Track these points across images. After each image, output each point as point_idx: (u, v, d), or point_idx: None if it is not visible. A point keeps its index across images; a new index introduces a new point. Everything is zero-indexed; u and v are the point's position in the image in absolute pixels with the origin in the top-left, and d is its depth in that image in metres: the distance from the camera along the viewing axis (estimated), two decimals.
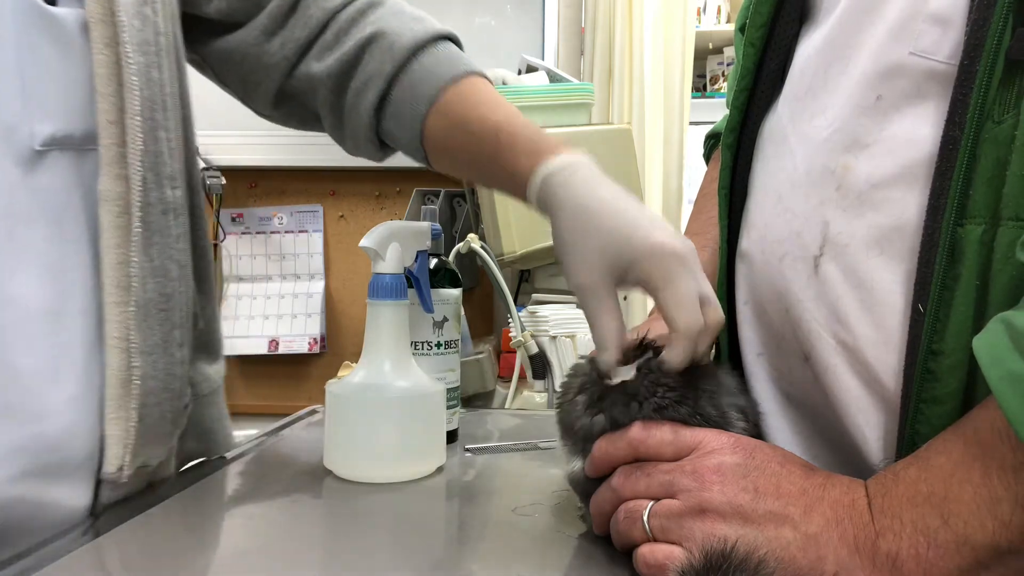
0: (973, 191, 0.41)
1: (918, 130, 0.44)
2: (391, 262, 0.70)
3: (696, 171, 2.55)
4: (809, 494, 0.42)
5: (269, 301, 1.95)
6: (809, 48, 0.54)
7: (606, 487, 0.49)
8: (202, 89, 2.05)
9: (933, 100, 0.43)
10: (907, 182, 0.44)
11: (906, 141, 0.44)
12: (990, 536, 0.36)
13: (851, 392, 0.47)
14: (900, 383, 0.44)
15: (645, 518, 0.45)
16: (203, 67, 0.74)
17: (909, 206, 0.44)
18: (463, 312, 0.87)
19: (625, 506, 0.47)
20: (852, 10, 0.50)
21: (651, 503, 0.45)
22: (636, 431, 0.47)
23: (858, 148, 0.47)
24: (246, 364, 1.94)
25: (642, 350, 0.51)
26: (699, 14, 2.81)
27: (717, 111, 0.93)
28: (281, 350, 1.91)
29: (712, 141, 0.86)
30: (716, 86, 2.90)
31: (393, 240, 0.71)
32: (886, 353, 0.45)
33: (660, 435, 0.47)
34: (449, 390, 0.78)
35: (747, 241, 0.57)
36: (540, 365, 1.21)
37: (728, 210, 0.60)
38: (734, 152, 0.59)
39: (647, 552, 0.44)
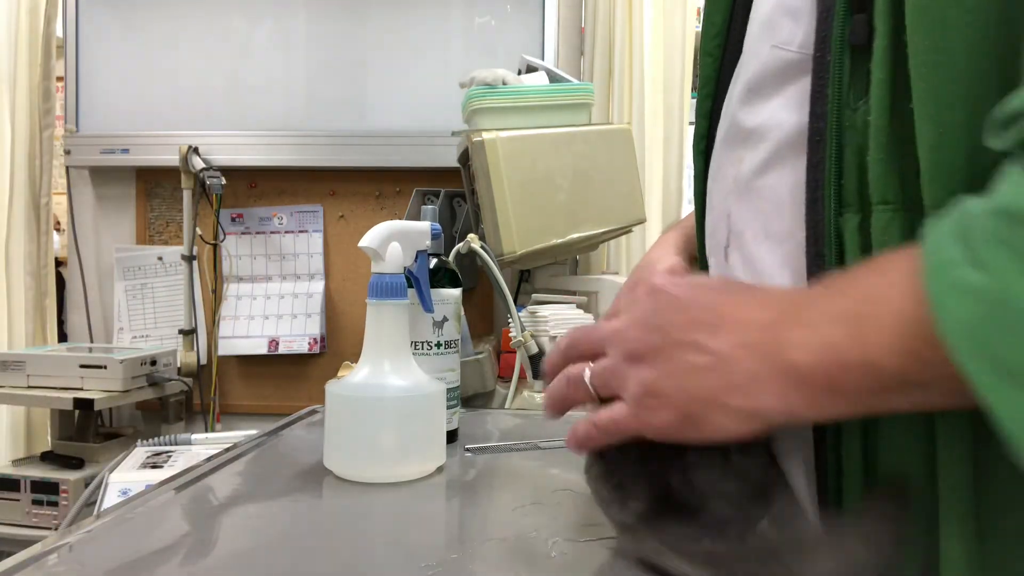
0: (844, 180, 0.42)
1: (780, 115, 0.47)
2: (391, 262, 0.70)
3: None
4: (716, 312, 0.42)
5: (269, 301, 1.95)
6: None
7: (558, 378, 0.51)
8: (202, 89, 2.05)
9: (791, 87, 0.47)
10: (777, 166, 0.47)
11: (774, 127, 0.48)
12: (898, 366, 0.35)
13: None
14: None
15: (587, 379, 0.47)
16: None
17: (781, 189, 0.47)
18: (463, 312, 0.87)
19: (567, 372, 0.49)
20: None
21: (588, 366, 0.47)
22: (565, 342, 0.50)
23: (744, 140, 0.50)
24: (246, 364, 1.94)
25: None
26: (699, 14, 2.81)
27: None
28: (281, 350, 1.91)
29: None
30: None
31: (393, 240, 0.71)
32: None
33: (587, 328, 0.49)
34: (449, 390, 0.78)
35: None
36: (540, 365, 1.21)
37: (702, 216, 0.62)
38: (705, 158, 0.61)
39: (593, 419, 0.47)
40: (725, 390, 0.40)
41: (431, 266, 0.79)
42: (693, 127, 0.62)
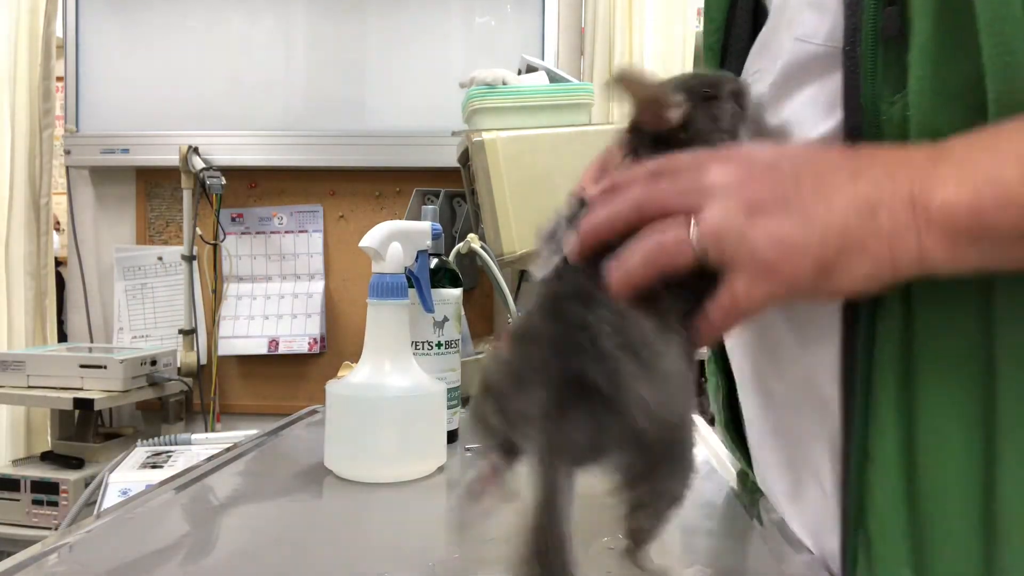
0: None
1: (805, 112, 0.46)
2: (391, 262, 0.70)
3: None
4: (854, 160, 0.38)
5: (269, 301, 1.95)
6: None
7: (615, 200, 0.40)
8: (202, 89, 2.05)
9: (816, 83, 0.45)
10: None
11: (797, 124, 0.47)
12: None
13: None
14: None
15: (694, 238, 0.37)
16: None
17: None
18: (463, 312, 0.87)
19: (660, 234, 0.38)
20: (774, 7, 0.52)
21: (693, 220, 0.37)
22: (646, 168, 0.41)
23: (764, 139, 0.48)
24: (246, 364, 1.94)
25: None
26: (699, 15, 2.81)
27: None
28: (281, 350, 1.91)
29: None
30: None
31: (393, 240, 0.71)
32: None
33: (677, 158, 0.40)
34: (449, 390, 0.78)
35: None
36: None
37: None
38: None
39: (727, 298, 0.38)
40: (867, 236, 0.36)
41: (431, 266, 0.79)
42: None
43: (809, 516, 0.51)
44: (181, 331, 1.89)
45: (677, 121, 0.42)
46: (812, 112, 0.45)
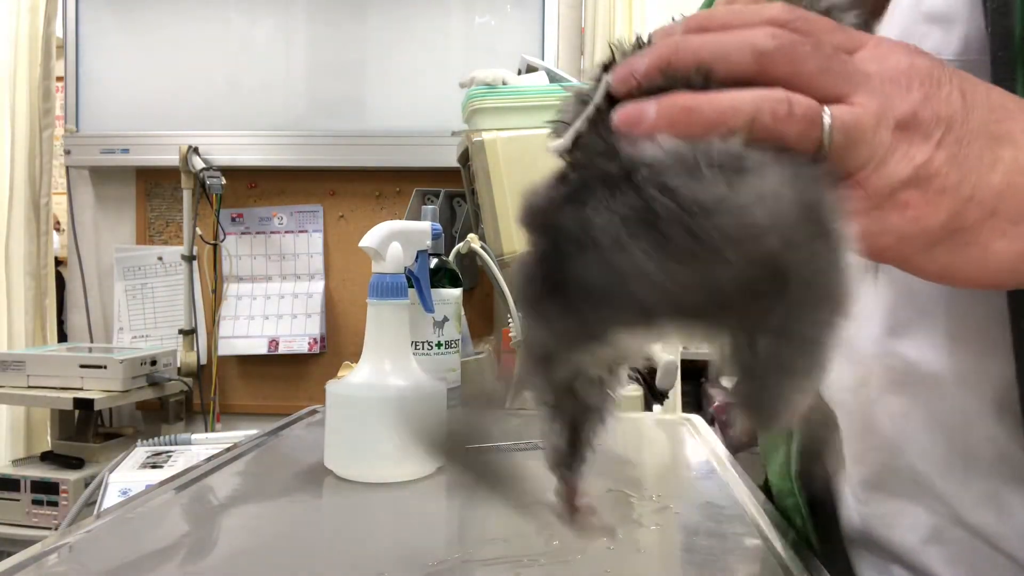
0: None
1: None
2: (391, 262, 0.70)
3: None
4: None
5: (269, 301, 1.95)
6: None
7: (731, 33, 0.30)
8: (202, 89, 2.05)
9: None
10: None
11: None
12: None
13: None
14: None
15: (827, 125, 0.28)
16: None
17: None
18: (463, 312, 0.87)
19: (792, 96, 0.28)
20: None
21: (827, 107, 0.29)
22: (778, 8, 0.30)
23: None
24: (246, 364, 1.94)
25: None
26: None
27: None
28: (281, 350, 1.91)
29: None
30: None
31: (393, 240, 0.71)
32: None
33: (820, 19, 0.31)
34: (449, 390, 0.78)
35: None
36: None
37: None
38: None
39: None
40: None
41: (431, 266, 0.79)
42: None
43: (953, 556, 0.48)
44: (181, 331, 1.89)
45: None
46: None
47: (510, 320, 1.22)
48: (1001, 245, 0.29)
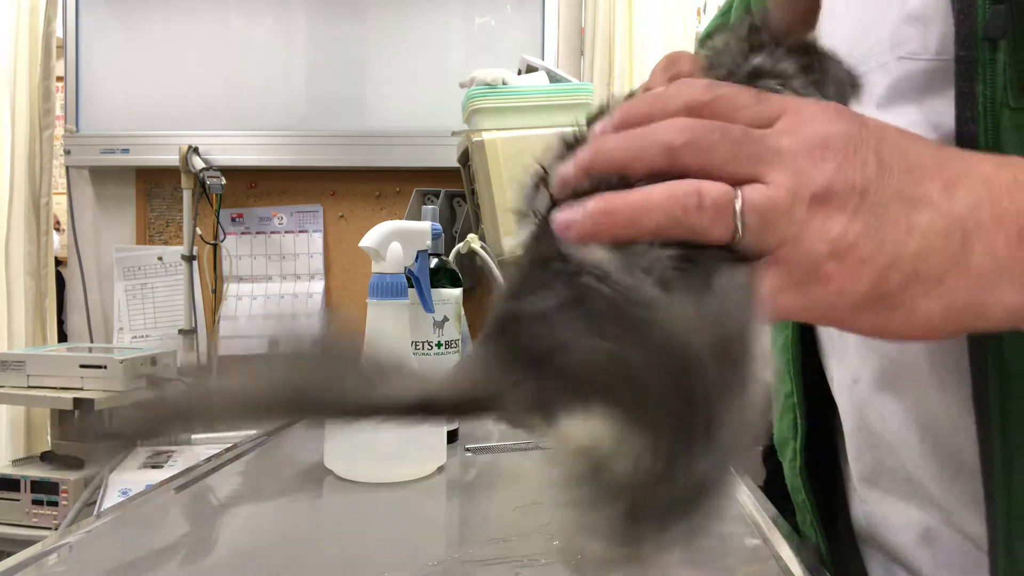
0: None
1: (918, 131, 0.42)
2: (391, 262, 0.70)
3: None
4: (949, 167, 0.30)
5: (269, 301, 1.95)
6: None
7: (642, 132, 0.30)
8: (202, 89, 2.05)
9: (930, 101, 0.42)
10: None
11: None
12: None
13: None
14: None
15: (738, 209, 0.28)
16: None
17: None
18: (463, 312, 0.87)
19: (700, 186, 0.29)
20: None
21: (739, 189, 0.29)
22: (696, 88, 0.31)
23: None
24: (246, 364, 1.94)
25: None
26: (699, 14, 2.80)
27: None
28: None
29: None
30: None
31: (393, 240, 0.71)
32: None
33: (737, 94, 0.31)
34: None
35: None
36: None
37: None
38: None
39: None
40: (949, 268, 0.29)
41: (431, 266, 0.79)
42: None
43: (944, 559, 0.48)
44: (181, 331, 1.89)
45: (810, 32, 0.36)
46: (925, 132, 0.40)
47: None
48: (925, 305, 0.29)
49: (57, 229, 2.31)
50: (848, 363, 0.53)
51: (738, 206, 0.28)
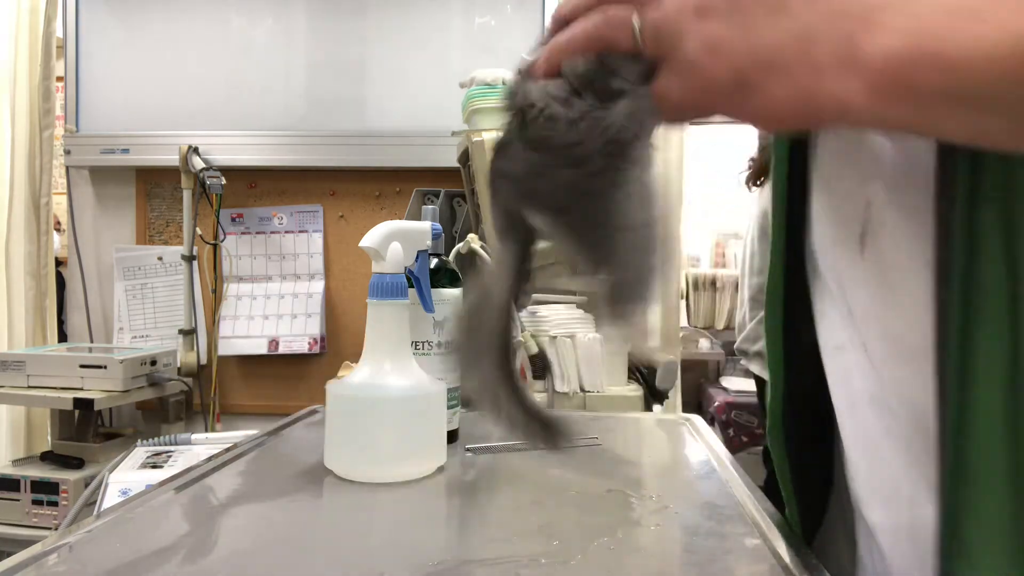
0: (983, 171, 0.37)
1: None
2: (391, 262, 0.70)
3: (695, 170, 2.53)
4: None
5: (269, 301, 1.95)
6: None
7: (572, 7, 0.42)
8: (202, 89, 2.05)
9: None
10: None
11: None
12: (996, 72, 0.31)
13: None
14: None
15: (636, 24, 0.39)
16: None
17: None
18: None
19: (606, 10, 0.40)
20: None
21: (635, 10, 0.39)
22: None
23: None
24: (246, 364, 1.94)
25: None
26: None
27: None
28: (281, 350, 1.91)
29: None
30: None
31: (393, 240, 0.71)
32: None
33: None
34: (449, 390, 0.78)
35: None
36: (540, 365, 1.21)
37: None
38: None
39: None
40: (795, 61, 0.35)
41: (431, 266, 0.79)
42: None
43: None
44: (181, 331, 1.90)
45: None
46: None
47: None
48: (777, 91, 0.36)
49: (57, 229, 2.31)
50: (829, 375, 0.54)
51: (635, 23, 0.39)
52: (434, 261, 0.80)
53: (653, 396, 1.30)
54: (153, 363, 1.71)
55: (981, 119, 0.33)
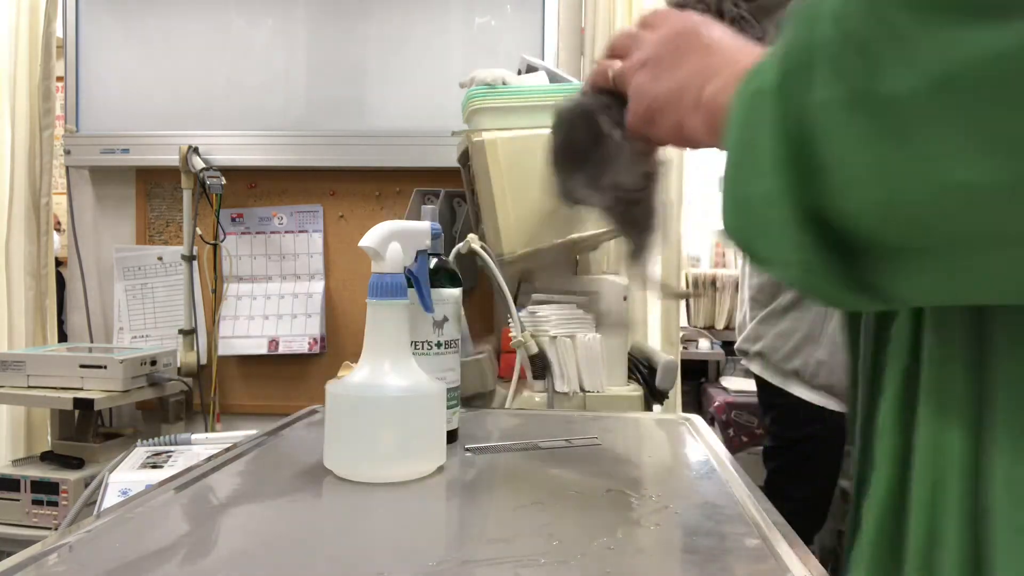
0: None
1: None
2: (391, 262, 0.70)
3: (695, 170, 2.53)
4: (711, 55, 0.50)
5: (269, 301, 1.95)
6: None
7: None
8: (202, 89, 2.05)
9: None
10: None
11: None
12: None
13: None
14: None
15: (610, 73, 0.58)
16: None
17: None
18: (463, 312, 0.87)
19: (601, 62, 0.59)
20: None
21: (615, 64, 0.57)
22: (634, 27, 0.58)
23: None
24: (246, 364, 1.94)
25: None
26: None
27: None
28: (281, 350, 1.91)
29: None
30: None
31: (393, 240, 0.71)
32: None
33: (652, 17, 0.57)
34: (449, 390, 0.78)
35: None
36: (540, 365, 1.21)
37: None
38: None
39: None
40: (673, 105, 0.51)
41: (431, 266, 0.79)
42: None
43: None
44: (181, 331, 1.90)
45: None
46: None
47: (510, 320, 1.22)
48: (666, 125, 0.52)
49: (57, 229, 2.31)
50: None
51: (610, 73, 0.57)
52: (433, 261, 0.80)
53: (653, 396, 1.30)
54: (153, 363, 1.71)
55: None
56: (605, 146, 0.59)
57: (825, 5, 0.30)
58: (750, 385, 2.50)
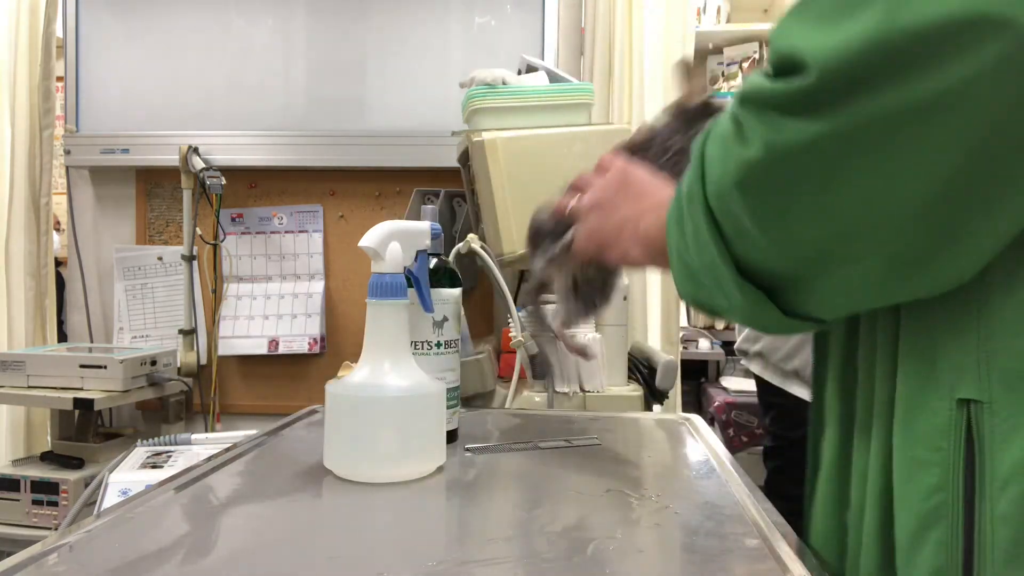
0: None
1: None
2: (391, 262, 0.71)
3: None
4: (645, 198, 0.65)
5: (269, 301, 1.95)
6: None
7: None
8: (202, 89, 2.05)
9: None
10: None
11: None
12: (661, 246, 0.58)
13: None
14: None
15: (570, 208, 0.73)
16: None
17: None
18: (463, 312, 0.87)
19: (563, 200, 0.75)
20: None
21: (575, 200, 0.72)
22: (598, 169, 0.73)
23: None
24: (246, 364, 1.94)
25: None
26: (699, 14, 2.81)
27: None
28: (281, 350, 1.91)
29: None
30: (716, 86, 2.90)
31: (393, 240, 0.71)
32: None
33: (608, 162, 0.72)
34: (449, 390, 0.78)
35: None
36: (540, 365, 1.21)
37: None
38: None
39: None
40: (618, 239, 0.65)
41: (431, 266, 0.79)
42: None
43: None
44: (181, 331, 1.90)
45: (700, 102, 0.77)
46: None
47: (510, 320, 1.22)
48: (613, 254, 0.67)
49: (57, 229, 2.31)
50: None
51: (571, 206, 0.73)
52: (433, 261, 0.80)
53: (653, 396, 1.30)
54: (153, 363, 1.71)
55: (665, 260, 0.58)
56: (555, 253, 0.77)
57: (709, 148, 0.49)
58: (750, 385, 2.49)
